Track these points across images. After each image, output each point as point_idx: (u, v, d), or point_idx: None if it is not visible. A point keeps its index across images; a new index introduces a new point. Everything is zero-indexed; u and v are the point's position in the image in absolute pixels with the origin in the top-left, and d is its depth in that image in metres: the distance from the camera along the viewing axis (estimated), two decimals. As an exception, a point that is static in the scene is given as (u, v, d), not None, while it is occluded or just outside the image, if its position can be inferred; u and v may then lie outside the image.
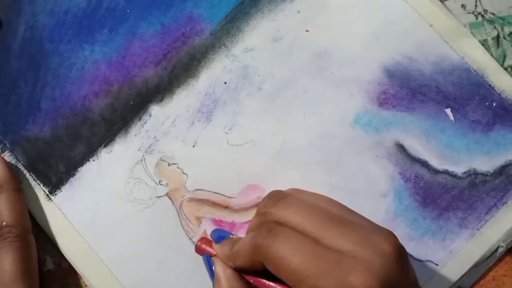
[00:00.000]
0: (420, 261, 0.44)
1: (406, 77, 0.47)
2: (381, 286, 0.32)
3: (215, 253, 0.41)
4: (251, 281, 0.39)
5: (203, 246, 0.42)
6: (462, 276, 0.44)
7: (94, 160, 0.46)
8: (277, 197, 0.38)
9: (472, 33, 0.47)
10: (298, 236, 0.35)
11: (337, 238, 0.34)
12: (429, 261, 0.44)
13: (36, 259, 0.43)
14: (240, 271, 0.39)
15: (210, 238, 0.43)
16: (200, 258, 0.44)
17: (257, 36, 0.47)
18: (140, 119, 0.46)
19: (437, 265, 0.44)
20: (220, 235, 0.42)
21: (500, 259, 0.45)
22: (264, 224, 0.37)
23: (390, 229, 0.44)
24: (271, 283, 0.37)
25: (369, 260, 0.33)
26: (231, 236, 0.42)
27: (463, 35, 0.47)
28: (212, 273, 0.40)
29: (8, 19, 0.47)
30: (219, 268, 0.40)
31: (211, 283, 0.44)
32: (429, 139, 0.46)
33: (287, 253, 0.34)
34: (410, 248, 0.44)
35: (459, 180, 0.45)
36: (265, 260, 0.35)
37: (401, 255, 0.34)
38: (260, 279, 0.38)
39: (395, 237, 0.35)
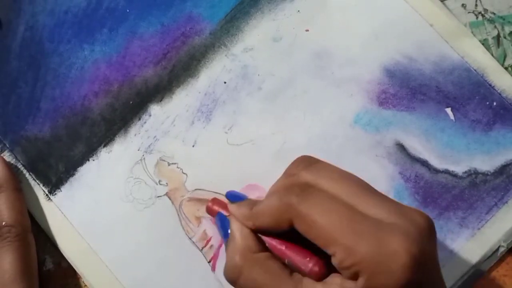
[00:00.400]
0: (421, 261, 0.44)
1: (406, 77, 0.47)
2: (420, 253, 0.32)
3: (228, 214, 0.40)
4: (267, 243, 0.37)
5: (216, 207, 0.41)
6: (463, 276, 0.44)
7: (93, 160, 0.46)
8: (308, 161, 0.38)
9: (472, 32, 0.47)
10: (332, 197, 0.34)
11: (373, 206, 0.34)
12: (430, 261, 0.44)
13: (36, 259, 0.43)
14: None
15: (223, 200, 0.42)
16: (200, 258, 0.44)
17: (257, 35, 0.47)
18: (139, 119, 0.46)
19: (437, 265, 0.44)
20: (236, 196, 0.42)
21: (501, 259, 0.45)
22: (294, 185, 0.36)
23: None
24: (290, 249, 0.36)
25: (407, 229, 0.33)
26: (247, 198, 0.41)
27: (463, 34, 0.47)
28: (225, 233, 0.39)
29: (8, 19, 0.47)
30: (236, 226, 0.38)
31: (211, 283, 0.44)
32: (429, 139, 0.46)
33: (322, 213, 0.33)
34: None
35: (460, 179, 0.45)
36: (296, 218, 0.34)
37: (434, 230, 0.34)
38: (277, 240, 0.37)
39: (428, 215, 0.35)
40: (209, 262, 0.44)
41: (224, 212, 0.40)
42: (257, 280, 0.36)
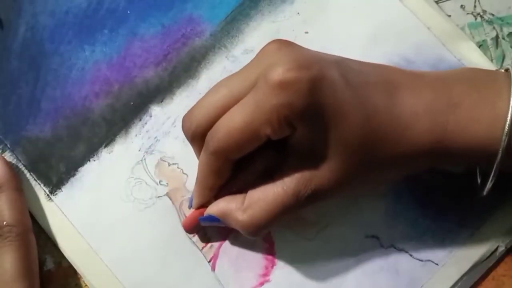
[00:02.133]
0: (420, 261, 0.44)
1: (405, 78, 0.47)
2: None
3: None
4: None
5: (193, 223, 0.43)
6: (462, 276, 0.44)
7: (94, 160, 0.46)
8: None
9: (471, 33, 0.48)
10: None
11: None
12: (429, 260, 0.44)
13: (37, 259, 0.43)
14: None
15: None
16: (200, 258, 0.44)
17: (257, 37, 0.48)
18: (140, 120, 0.46)
19: (437, 264, 0.44)
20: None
21: (500, 259, 0.45)
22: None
23: (390, 229, 0.44)
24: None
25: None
26: None
27: (460, 37, 0.47)
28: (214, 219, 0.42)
29: (9, 19, 0.47)
30: (216, 207, 0.42)
31: (211, 283, 0.44)
32: (428, 139, 0.46)
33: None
34: (410, 248, 0.45)
35: (459, 179, 0.45)
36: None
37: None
38: None
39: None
40: (209, 262, 0.44)
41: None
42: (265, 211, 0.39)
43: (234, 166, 0.40)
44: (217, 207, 0.41)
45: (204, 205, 0.42)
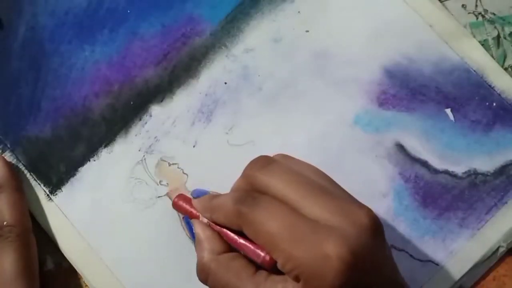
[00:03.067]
0: (421, 261, 0.44)
1: (406, 78, 0.47)
2: (353, 256, 0.32)
3: (193, 211, 0.41)
4: (223, 235, 0.39)
5: (180, 202, 0.42)
6: (463, 277, 0.44)
7: (94, 160, 0.46)
8: (263, 162, 0.39)
9: (472, 33, 0.47)
10: (279, 204, 0.35)
11: (316, 207, 0.35)
12: (430, 261, 0.44)
13: (37, 259, 0.43)
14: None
15: (189, 196, 0.43)
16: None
17: (258, 36, 0.47)
18: (140, 119, 0.46)
19: (437, 265, 0.44)
20: (201, 192, 0.43)
21: (501, 259, 0.45)
22: (247, 192, 0.38)
23: (391, 229, 0.44)
24: (243, 241, 0.38)
25: (344, 230, 0.33)
26: (210, 192, 0.43)
27: (462, 35, 0.47)
28: (193, 235, 0.40)
29: (9, 19, 0.47)
30: (199, 229, 0.40)
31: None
32: (429, 139, 0.46)
33: (266, 219, 0.35)
34: (410, 248, 0.44)
35: (459, 180, 0.45)
36: (245, 225, 0.36)
37: (377, 228, 0.35)
38: (233, 232, 0.38)
39: (373, 212, 0.35)
40: (209, 262, 0.44)
41: (189, 210, 0.42)
42: (222, 280, 0.37)
43: None
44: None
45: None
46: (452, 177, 0.45)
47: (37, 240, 0.43)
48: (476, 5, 0.48)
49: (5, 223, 0.42)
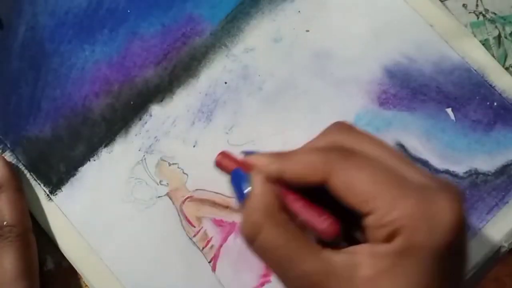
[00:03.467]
0: (421, 261, 0.44)
1: (406, 77, 0.47)
2: (463, 216, 0.30)
3: (250, 162, 0.34)
4: (283, 196, 0.34)
5: (226, 160, 0.36)
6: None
7: (94, 160, 0.46)
8: (348, 125, 0.36)
9: (473, 32, 0.47)
10: (375, 161, 0.33)
11: (414, 172, 0.32)
12: (430, 261, 0.44)
13: (37, 259, 0.43)
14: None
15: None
16: (200, 259, 0.44)
17: (258, 36, 0.47)
18: (140, 119, 0.46)
19: (438, 265, 0.44)
20: (249, 152, 0.36)
21: (502, 259, 0.45)
22: (334, 147, 0.34)
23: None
24: (303, 201, 0.33)
25: (453, 191, 0.31)
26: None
27: (463, 35, 0.47)
28: (240, 194, 0.34)
29: (9, 19, 0.47)
30: (258, 181, 0.33)
31: (211, 283, 0.44)
32: (430, 139, 0.46)
33: (364, 170, 0.32)
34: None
35: (460, 179, 0.45)
36: (335, 172, 0.32)
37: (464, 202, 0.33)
38: (295, 194, 0.34)
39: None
40: (209, 262, 0.44)
41: (242, 159, 0.35)
42: (277, 240, 0.32)
43: None
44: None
45: None
46: (453, 177, 0.45)
47: (37, 240, 0.44)
48: (477, 5, 0.48)
49: (5, 223, 0.42)
